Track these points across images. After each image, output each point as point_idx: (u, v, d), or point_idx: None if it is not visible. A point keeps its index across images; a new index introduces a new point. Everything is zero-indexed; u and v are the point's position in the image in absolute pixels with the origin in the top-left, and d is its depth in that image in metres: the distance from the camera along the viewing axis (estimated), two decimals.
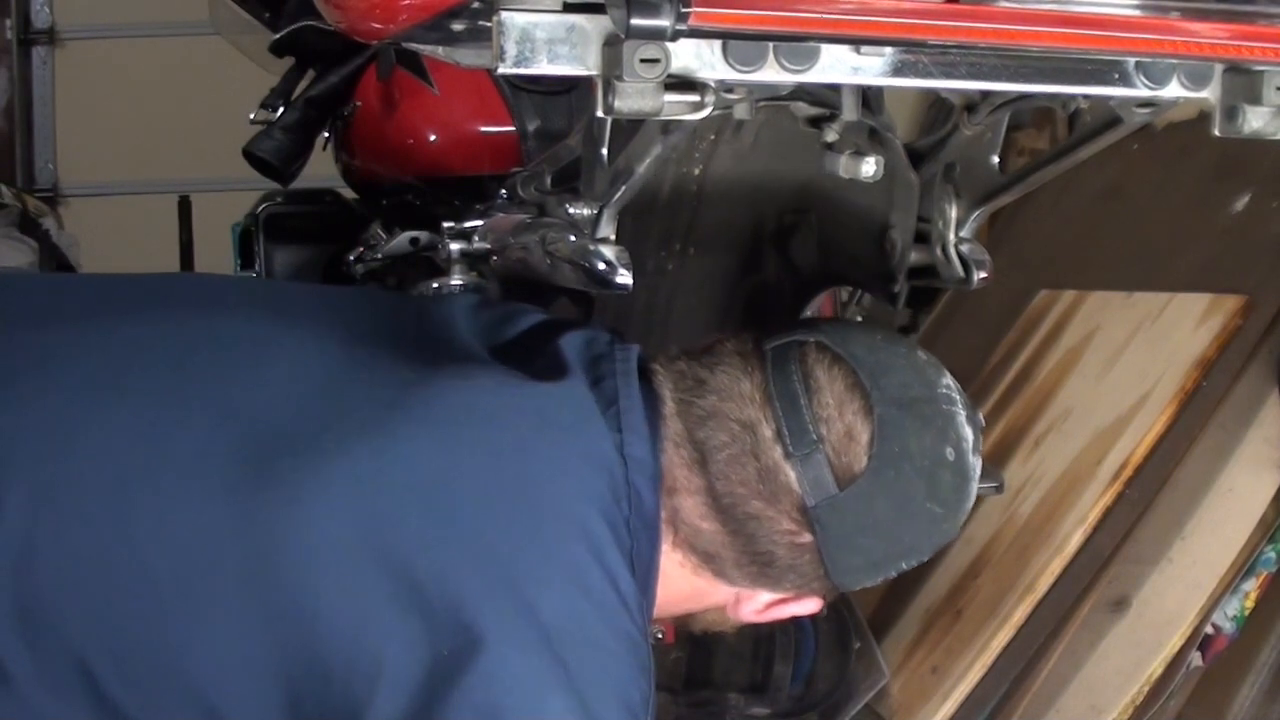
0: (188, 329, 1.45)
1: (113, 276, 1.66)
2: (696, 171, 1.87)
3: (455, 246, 1.96)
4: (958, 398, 1.49)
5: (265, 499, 1.31)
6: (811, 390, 1.43)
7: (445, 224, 1.99)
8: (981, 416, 1.53)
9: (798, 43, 1.12)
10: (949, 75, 1.18)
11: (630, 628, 1.36)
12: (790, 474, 1.41)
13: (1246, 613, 2.30)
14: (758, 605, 1.52)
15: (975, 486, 1.50)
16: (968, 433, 1.48)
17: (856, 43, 1.14)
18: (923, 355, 1.52)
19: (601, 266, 1.54)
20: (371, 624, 1.30)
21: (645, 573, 1.41)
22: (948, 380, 1.50)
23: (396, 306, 1.65)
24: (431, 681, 1.28)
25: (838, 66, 1.15)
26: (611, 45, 1.09)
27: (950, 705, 2.31)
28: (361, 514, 1.32)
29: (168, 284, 1.64)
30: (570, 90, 2.24)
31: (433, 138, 2.29)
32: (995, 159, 1.62)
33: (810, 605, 1.54)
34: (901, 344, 1.53)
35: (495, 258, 1.92)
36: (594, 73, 1.11)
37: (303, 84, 2.41)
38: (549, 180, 1.77)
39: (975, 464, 1.49)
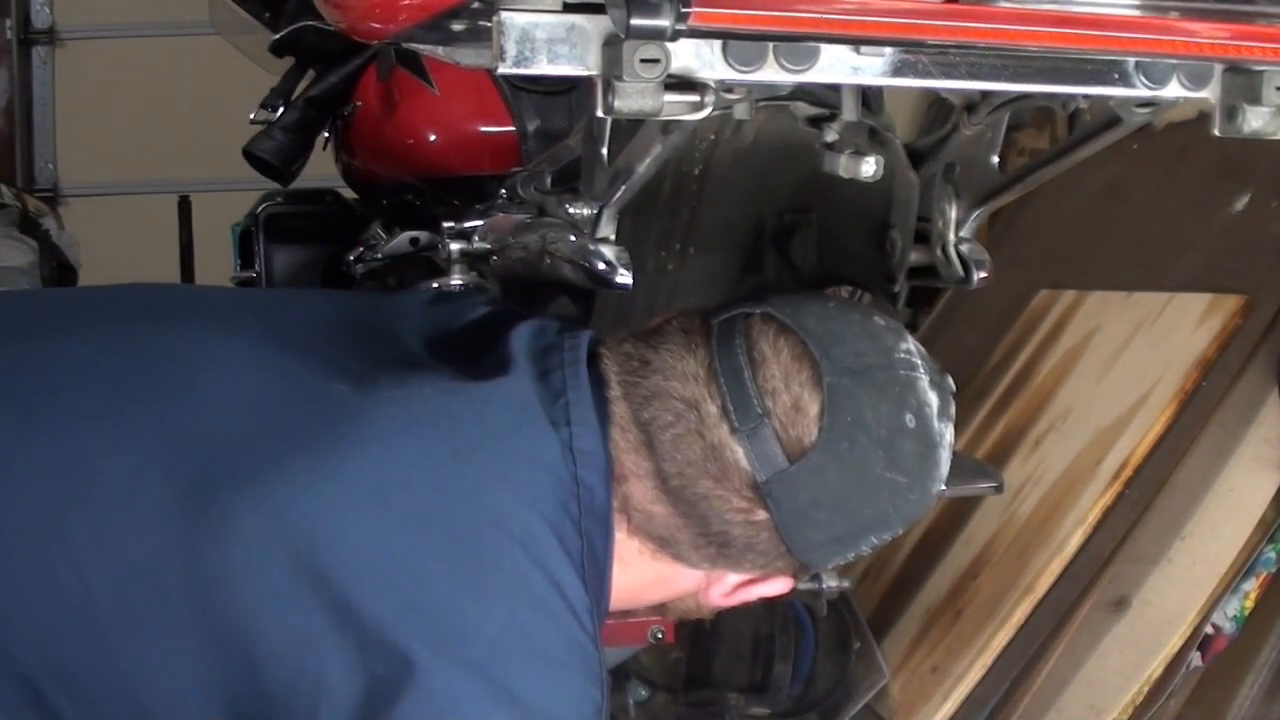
0: (131, 346, 1.43)
1: (77, 291, 1.65)
2: (696, 171, 1.86)
3: (455, 246, 1.96)
4: (919, 362, 1.44)
5: (202, 523, 1.29)
6: (756, 362, 1.39)
7: (445, 224, 1.99)
8: (951, 381, 1.49)
9: (797, 43, 1.12)
10: (949, 75, 1.18)
11: (579, 635, 1.34)
12: (737, 450, 1.37)
13: (1246, 613, 2.30)
14: (725, 587, 1.49)
15: (945, 453, 1.45)
16: (931, 398, 1.43)
17: (856, 43, 1.14)
18: (880, 320, 1.46)
19: (601, 266, 1.54)
20: (309, 648, 1.28)
21: (599, 572, 1.39)
22: (908, 345, 1.45)
23: (345, 308, 1.62)
24: (370, 706, 1.27)
25: (837, 66, 1.15)
26: (611, 45, 1.09)
27: (950, 705, 2.31)
28: (295, 537, 1.29)
29: (122, 298, 1.60)
30: (570, 90, 2.24)
31: (433, 138, 2.29)
32: (995, 159, 1.62)
33: (779, 585, 1.50)
34: (855, 311, 1.47)
35: (495, 258, 1.92)
36: (594, 73, 1.11)
37: (303, 84, 2.41)
38: (549, 180, 1.76)
39: (943, 429, 1.44)
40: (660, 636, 2.20)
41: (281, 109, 2.39)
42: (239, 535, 1.29)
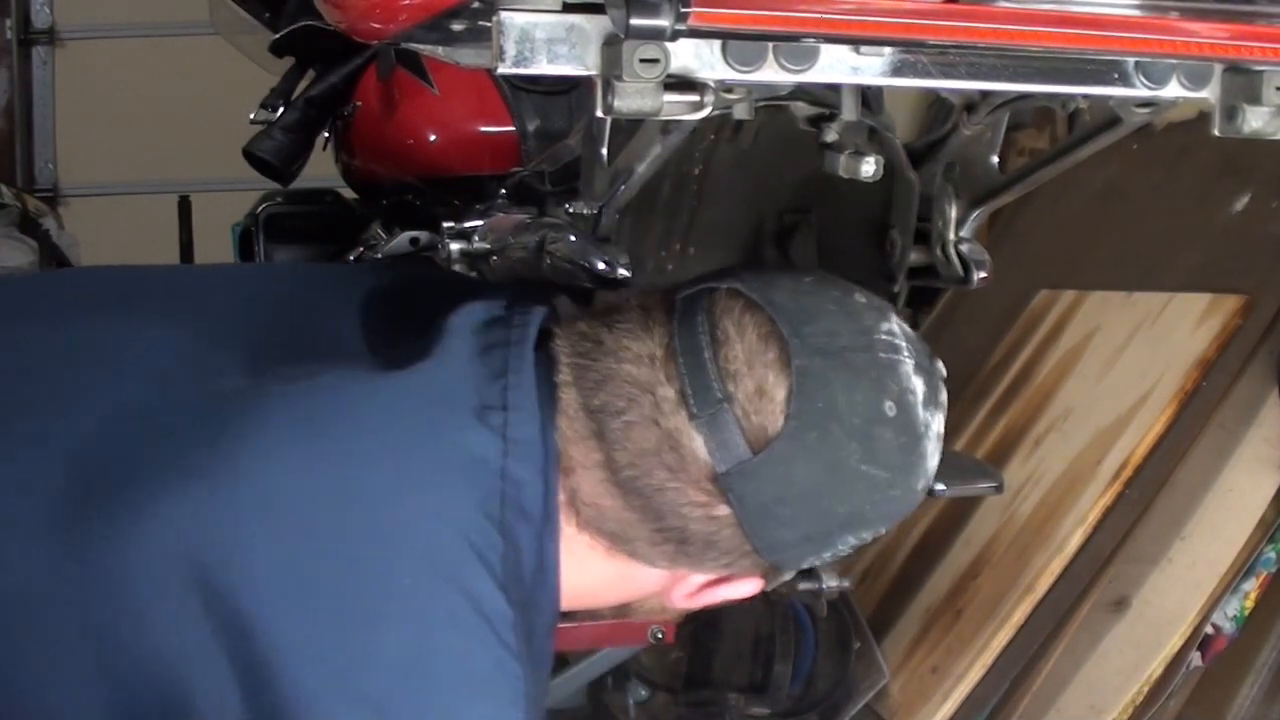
0: (23, 353, 1.33)
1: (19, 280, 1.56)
2: (696, 171, 1.86)
3: (455, 246, 1.96)
4: (903, 344, 1.31)
5: (88, 538, 1.20)
6: (718, 342, 1.26)
7: (445, 224, 1.99)
8: (941, 366, 1.36)
9: (797, 43, 1.12)
10: (948, 75, 1.18)
11: (497, 652, 1.21)
12: (696, 438, 1.24)
13: (1246, 613, 2.30)
14: (689, 588, 1.36)
15: (932, 444, 1.32)
16: (915, 384, 1.30)
17: (856, 43, 1.14)
18: (861, 298, 1.33)
19: (601, 266, 1.54)
20: (200, 671, 1.18)
21: (533, 575, 1.26)
22: (890, 325, 1.31)
23: (275, 280, 1.50)
24: None
25: (837, 66, 1.15)
26: (611, 45, 1.09)
27: (950, 705, 2.31)
28: (185, 555, 1.19)
29: (46, 287, 1.51)
30: (570, 90, 2.24)
31: (433, 138, 2.29)
32: (995, 159, 1.62)
33: (748, 586, 1.37)
34: (833, 287, 1.34)
35: (495, 258, 1.92)
36: (593, 73, 1.11)
37: (303, 84, 2.41)
38: (549, 180, 1.76)
39: (929, 418, 1.31)
40: (660, 636, 2.20)
41: (281, 109, 2.39)
42: (125, 553, 1.19)
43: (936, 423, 1.33)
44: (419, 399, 1.26)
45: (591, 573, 1.32)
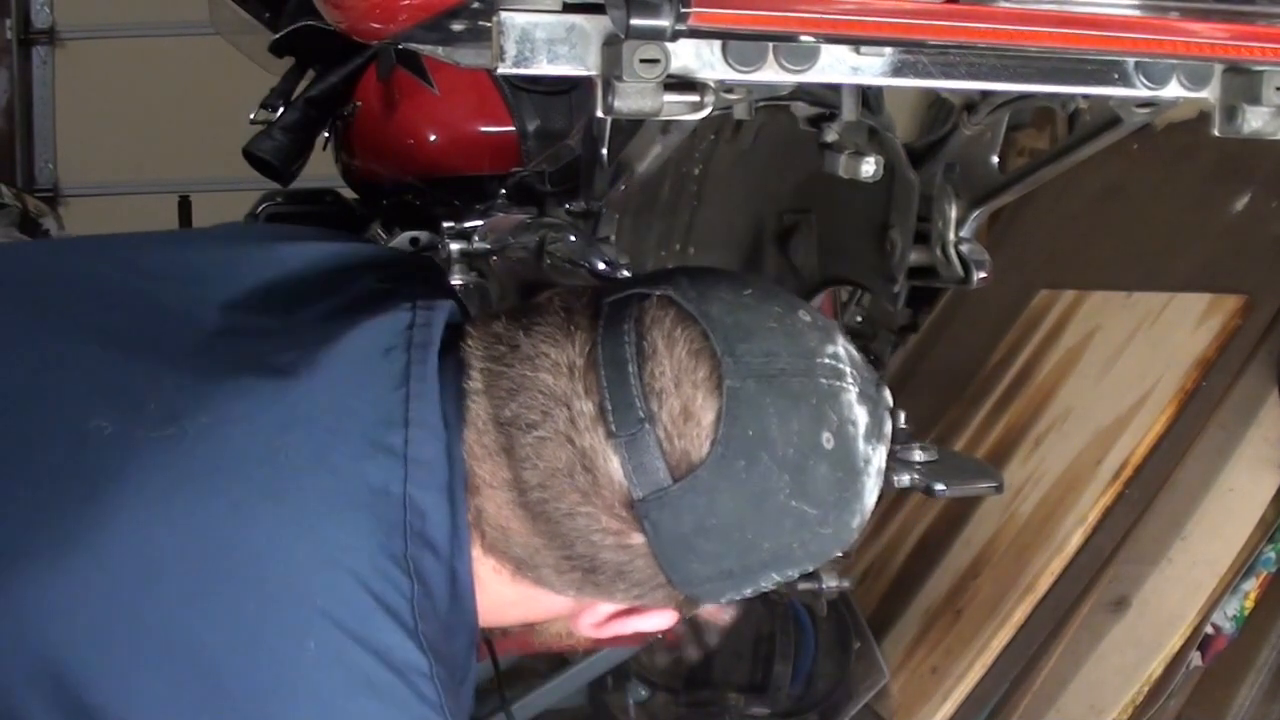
0: None
1: None
2: (696, 171, 1.86)
3: (455, 246, 1.96)
4: (847, 370, 1.19)
5: None
6: (645, 355, 1.14)
7: (445, 224, 1.99)
8: (888, 395, 1.26)
9: (797, 43, 1.12)
10: (948, 75, 1.18)
11: (416, 710, 1.11)
12: (612, 460, 1.13)
13: (1246, 613, 2.30)
14: (597, 617, 1.25)
15: (871, 481, 1.20)
16: (857, 414, 1.18)
17: (856, 43, 1.14)
18: (806, 316, 1.21)
19: (601, 266, 1.54)
20: None
21: (449, 609, 1.16)
22: (836, 349, 1.20)
23: (132, 266, 1.30)
24: None
25: (837, 67, 1.15)
26: (611, 45, 1.09)
27: (950, 705, 2.31)
28: (42, 655, 1.06)
29: None
30: (570, 90, 2.24)
31: (433, 138, 2.29)
32: (995, 159, 1.62)
33: (660, 620, 1.26)
34: (777, 302, 1.21)
35: (495, 258, 1.92)
36: (594, 73, 1.11)
37: (303, 84, 2.41)
38: (549, 180, 1.77)
39: (870, 452, 1.19)
40: (660, 637, 2.20)
41: (281, 109, 2.39)
42: None
43: (878, 457, 1.22)
44: (308, 427, 1.13)
45: (495, 594, 1.21)
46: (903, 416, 2.07)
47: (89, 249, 1.38)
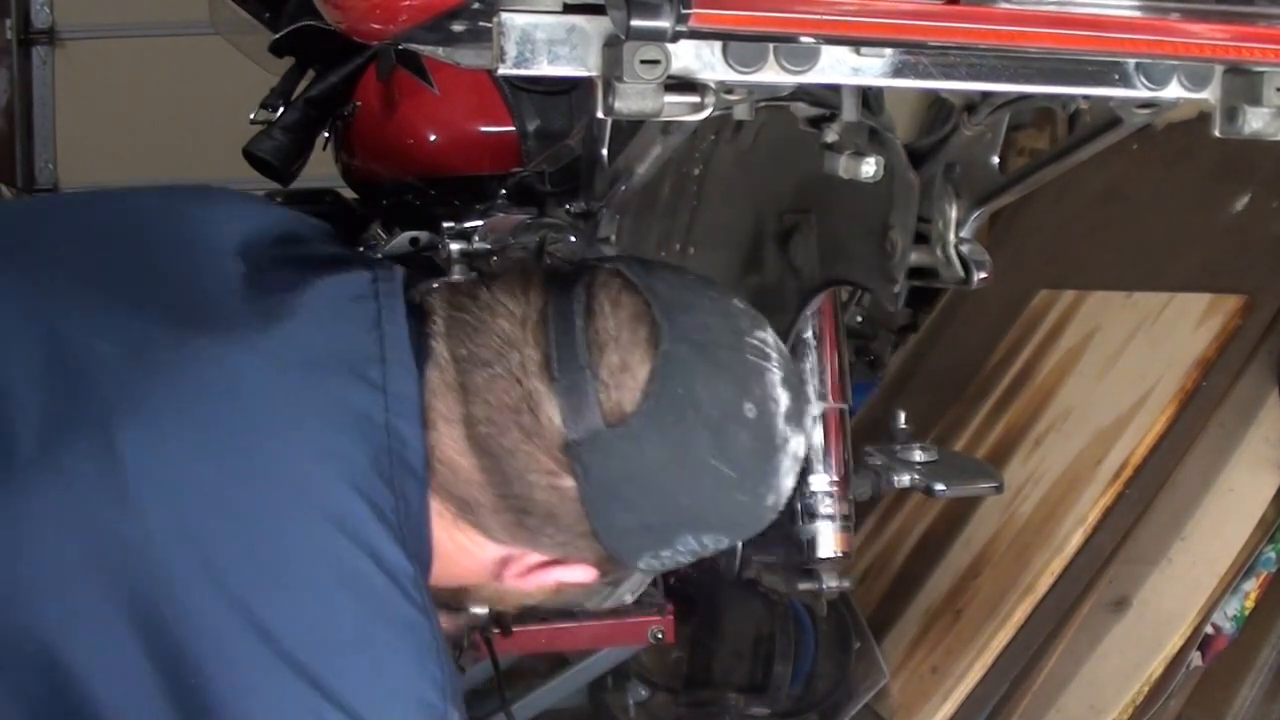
0: None
1: None
2: (696, 171, 1.86)
3: (455, 246, 1.96)
4: (775, 356, 1.31)
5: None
6: (592, 313, 1.26)
7: (445, 224, 1.99)
8: (810, 393, 1.39)
9: (798, 44, 1.12)
10: (949, 76, 1.18)
11: (404, 607, 1.21)
12: (552, 403, 1.24)
13: (1246, 613, 2.30)
14: (521, 567, 1.34)
15: (787, 462, 1.31)
16: (780, 395, 1.29)
17: (857, 44, 1.14)
18: (740, 304, 1.34)
19: None
20: (115, 669, 1.17)
21: (417, 530, 1.26)
22: (766, 336, 1.32)
23: (127, 214, 1.42)
24: None
25: (838, 67, 1.15)
26: (611, 46, 1.09)
27: (950, 705, 2.31)
28: (86, 558, 1.17)
29: None
30: (570, 90, 2.24)
31: (433, 138, 2.29)
32: (995, 159, 1.62)
33: (581, 573, 1.35)
34: (714, 289, 1.36)
35: (495, 258, 1.92)
36: (594, 74, 1.11)
37: (303, 84, 2.41)
38: (549, 180, 1.77)
39: (789, 434, 1.30)
40: (660, 637, 2.20)
41: (281, 109, 2.39)
42: (32, 536, 1.17)
43: (796, 443, 1.32)
44: (298, 360, 1.24)
45: (438, 541, 1.30)
46: (903, 416, 2.09)
47: (81, 202, 1.47)
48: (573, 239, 1.60)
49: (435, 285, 1.33)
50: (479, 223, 1.97)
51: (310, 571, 1.20)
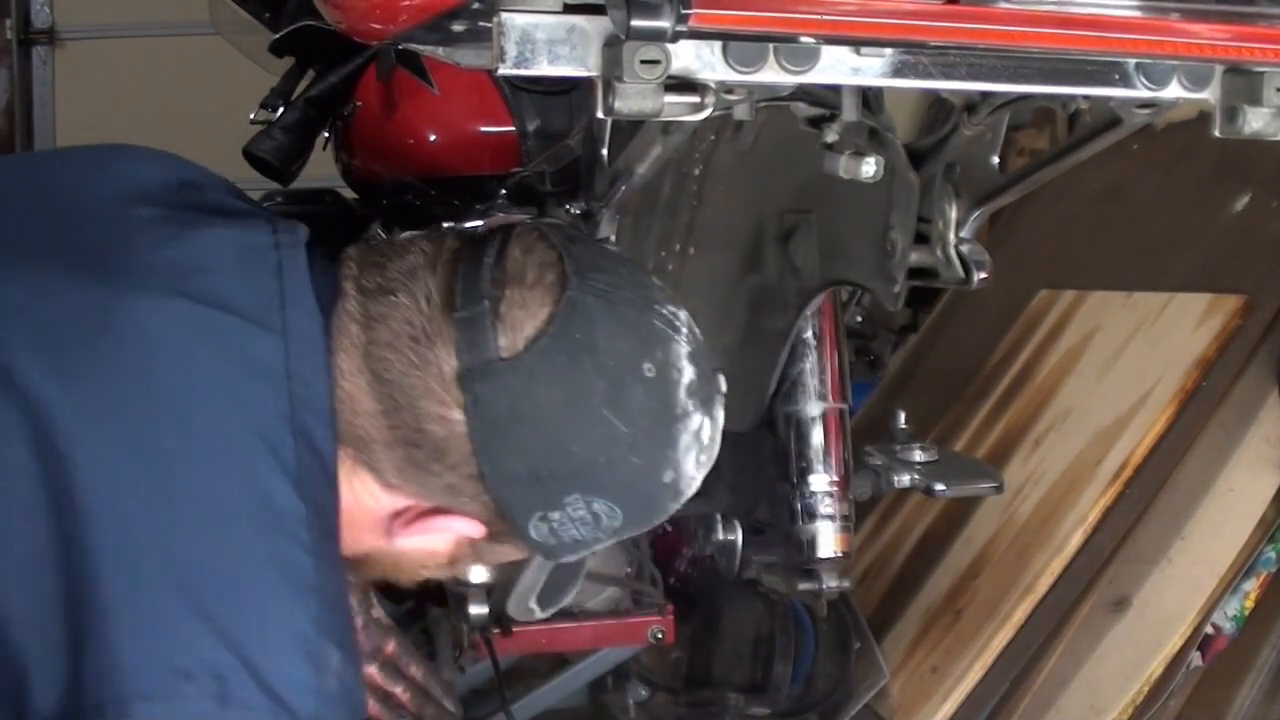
0: None
1: None
2: (696, 171, 1.87)
3: None
4: (685, 332, 1.30)
5: None
6: (502, 257, 1.29)
7: (445, 224, 1.99)
8: (722, 382, 1.34)
9: (798, 44, 1.12)
10: (949, 76, 1.18)
11: (286, 545, 1.22)
12: (450, 333, 1.26)
13: (1246, 613, 2.30)
14: (408, 515, 1.34)
15: (686, 436, 1.30)
16: (685, 367, 1.29)
17: (857, 44, 1.14)
18: (659, 283, 1.35)
19: None
20: (22, 614, 1.20)
21: (319, 474, 1.27)
22: (680, 313, 1.31)
23: (34, 172, 1.49)
24: (72, 666, 1.18)
25: (838, 67, 1.15)
26: (611, 46, 1.09)
27: (950, 705, 2.31)
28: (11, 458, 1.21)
29: None
30: (570, 90, 2.24)
31: (433, 138, 2.29)
32: (995, 159, 1.62)
33: (467, 525, 1.33)
34: (632, 265, 1.37)
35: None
36: (594, 74, 1.11)
37: (303, 84, 2.40)
38: (549, 180, 1.77)
39: (690, 407, 1.29)
40: (660, 637, 2.20)
41: (281, 109, 2.38)
42: None
43: (701, 423, 1.31)
44: (203, 309, 1.26)
45: (340, 489, 1.32)
46: (903, 416, 2.09)
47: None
48: None
49: (356, 244, 1.36)
50: (479, 223, 1.96)
51: (203, 508, 1.22)
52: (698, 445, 1.31)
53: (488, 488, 1.29)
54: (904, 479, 2.03)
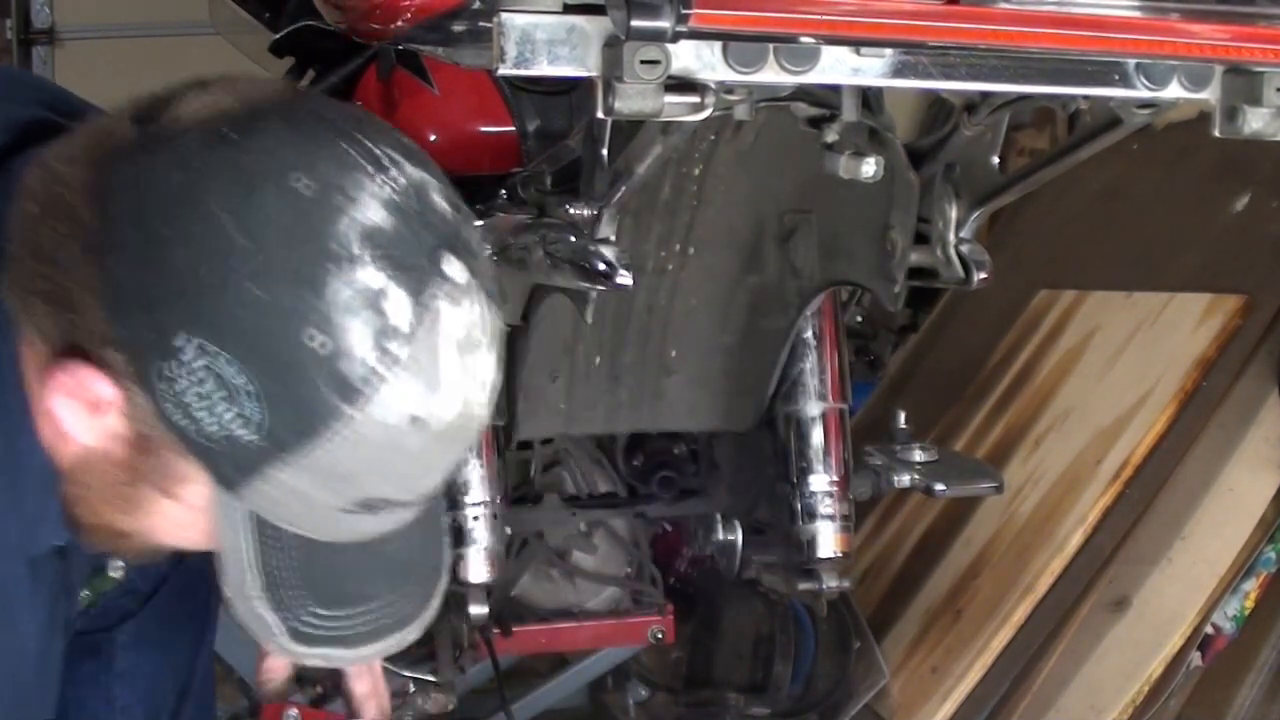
0: None
1: None
2: (696, 171, 1.86)
3: None
4: (393, 175, 1.04)
5: None
6: (169, 94, 1.16)
7: None
8: (462, 270, 1.04)
9: (798, 44, 1.12)
10: (949, 76, 1.18)
11: None
12: (97, 116, 1.21)
13: (1246, 613, 2.30)
14: (40, 359, 1.10)
15: (351, 294, 0.99)
16: (368, 205, 1.02)
17: (857, 44, 1.14)
18: (412, 146, 1.08)
19: (601, 266, 1.54)
20: None
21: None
22: (400, 160, 1.05)
23: None
24: None
25: (838, 68, 1.15)
26: (612, 46, 1.09)
27: (950, 705, 2.31)
28: None
29: None
30: (570, 90, 2.24)
31: (433, 138, 2.28)
32: (995, 159, 1.62)
33: (102, 390, 1.07)
34: (397, 133, 1.09)
35: (495, 258, 1.92)
36: (594, 74, 1.11)
37: (303, 84, 2.41)
38: (549, 180, 1.76)
39: (360, 253, 1.01)
40: (660, 637, 2.20)
41: None
42: None
43: (379, 283, 1.01)
44: None
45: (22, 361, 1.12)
46: (903, 416, 2.09)
47: None
48: (572, 239, 1.60)
49: None
50: (479, 223, 1.96)
51: None
52: (368, 309, 1.00)
53: (101, 304, 1.05)
54: (904, 479, 2.03)
